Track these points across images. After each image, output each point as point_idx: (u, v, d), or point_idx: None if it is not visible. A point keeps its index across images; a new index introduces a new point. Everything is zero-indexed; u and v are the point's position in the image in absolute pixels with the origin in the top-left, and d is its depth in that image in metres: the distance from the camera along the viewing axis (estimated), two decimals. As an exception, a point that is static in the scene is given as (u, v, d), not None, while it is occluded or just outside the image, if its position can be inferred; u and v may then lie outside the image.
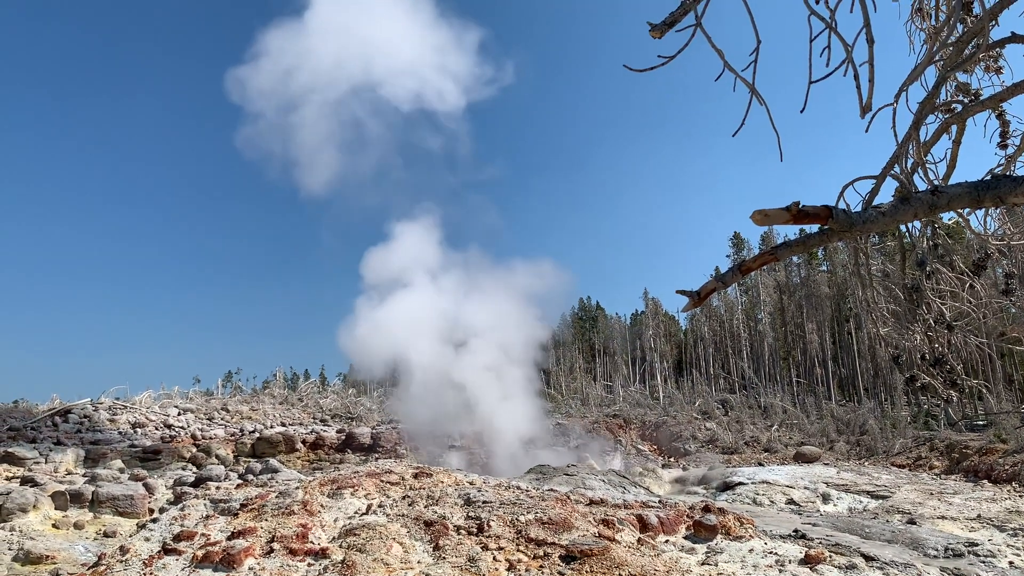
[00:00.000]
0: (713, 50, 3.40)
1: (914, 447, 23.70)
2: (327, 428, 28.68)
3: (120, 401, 30.89)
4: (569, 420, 32.70)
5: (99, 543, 11.10)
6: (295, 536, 7.80)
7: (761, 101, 3.41)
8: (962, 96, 4.28)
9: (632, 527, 8.38)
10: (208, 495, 10.19)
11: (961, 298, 5.02)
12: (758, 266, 3.18)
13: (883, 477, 18.06)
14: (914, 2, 4.51)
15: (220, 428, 27.87)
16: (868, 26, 3.35)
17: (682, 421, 32.56)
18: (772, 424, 32.20)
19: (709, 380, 45.97)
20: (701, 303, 3.13)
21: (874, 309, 4.94)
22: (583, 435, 29.51)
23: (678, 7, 3.25)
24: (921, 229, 4.79)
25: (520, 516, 8.16)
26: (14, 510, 11.48)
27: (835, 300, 45.09)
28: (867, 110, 3.37)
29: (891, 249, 6.77)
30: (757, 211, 2.82)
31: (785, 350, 46.92)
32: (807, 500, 15.39)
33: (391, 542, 7.60)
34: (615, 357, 53.24)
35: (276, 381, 46.90)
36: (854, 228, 2.96)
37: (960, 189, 3.06)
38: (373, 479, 9.93)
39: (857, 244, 4.63)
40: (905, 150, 3.96)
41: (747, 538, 8.48)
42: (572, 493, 10.16)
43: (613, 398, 42.71)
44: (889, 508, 13.99)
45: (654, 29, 3.23)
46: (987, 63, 4.20)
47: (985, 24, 3.76)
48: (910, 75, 3.96)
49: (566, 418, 33.65)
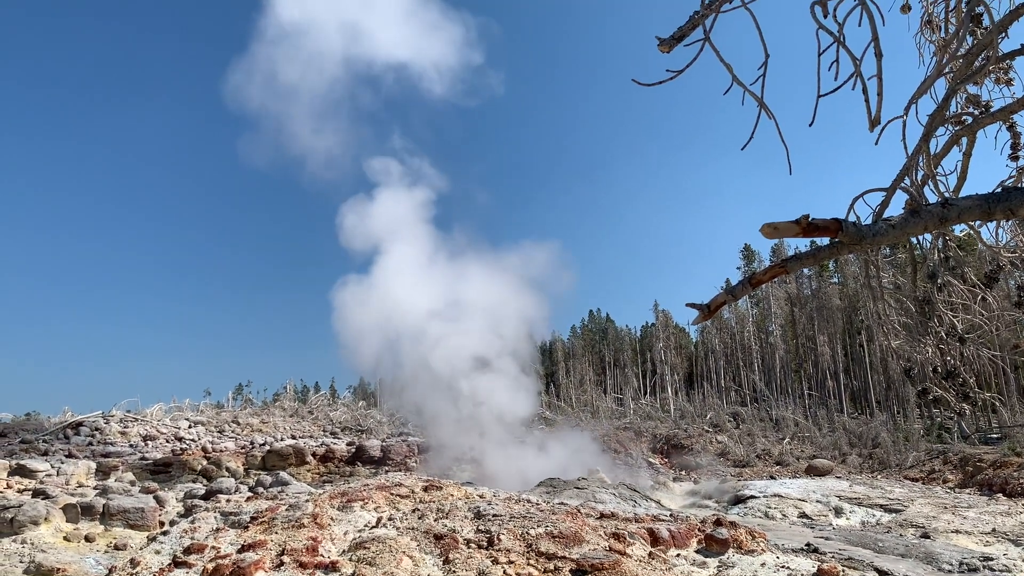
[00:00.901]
0: (721, 64, 3.41)
1: (927, 460, 23.50)
2: (337, 441, 28.67)
3: (131, 414, 31.02)
4: (579, 432, 32.57)
5: (110, 556, 11.11)
6: (305, 549, 7.80)
7: (770, 115, 3.42)
8: (972, 108, 4.28)
9: (643, 541, 8.34)
10: (218, 508, 10.21)
11: (973, 310, 5.00)
12: (768, 279, 3.17)
13: (896, 490, 17.91)
14: (923, 15, 4.52)
15: (231, 441, 27.91)
16: (876, 40, 3.36)
17: (693, 434, 32.39)
18: (784, 437, 32.01)
19: (720, 393, 45.77)
20: (711, 316, 3.13)
21: (886, 321, 4.92)
22: (593, 448, 29.39)
23: (687, 22, 3.27)
24: (932, 241, 4.78)
25: (530, 530, 8.13)
26: (26, 522, 11.52)
27: (846, 312, 44.87)
28: (876, 123, 3.37)
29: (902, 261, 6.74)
30: (767, 224, 2.82)
31: (796, 362, 46.69)
32: (819, 514, 15.27)
33: (401, 555, 7.58)
34: (625, 369, 53.12)
35: (286, 394, 46.94)
36: (864, 241, 2.95)
37: (971, 201, 3.05)
38: (383, 492, 9.92)
39: (868, 257, 4.62)
40: (915, 162, 3.96)
41: (759, 552, 8.42)
42: (583, 507, 10.12)
43: (623, 411, 42.56)
44: (902, 522, 13.86)
45: (663, 44, 3.25)
46: (997, 75, 4.20)
47: (994, 36, 3.76)
48: (920, 87, 3.96)
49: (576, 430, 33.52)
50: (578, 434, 30.13)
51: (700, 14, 3.26)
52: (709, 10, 3.27)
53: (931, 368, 4.96)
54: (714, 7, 3.27)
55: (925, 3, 4.54)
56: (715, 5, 3.27)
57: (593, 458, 24.99)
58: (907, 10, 4.34)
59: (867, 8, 3.39)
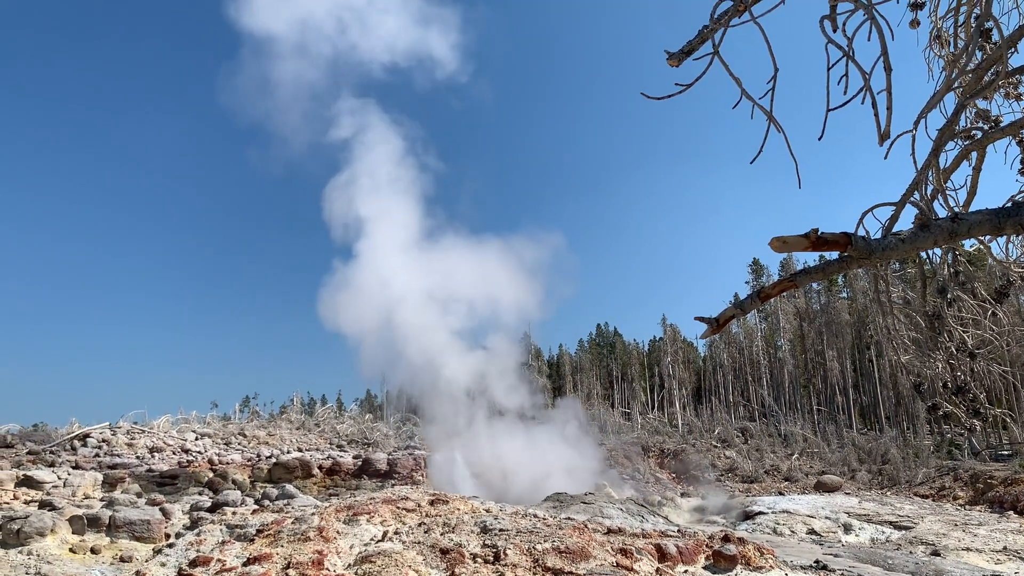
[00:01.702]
0: (730, 77, 3.41)
1: (937, 477, 23.32)
2: (343, 454, 28.63)
3: (138, 425, 31.09)
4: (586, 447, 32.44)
5: (115, 568, 11.11)
6: (311, 563, 7.77)
7: (779, 129, 3.41)
8: (982, 123, 4.27)
9: (650, 557, 8.28)
10: (224, 520, 10.19)
11: (983, 326, 4.97)
12: (777, 293, 3.16)
13: (906, 507, 17.77)
14: (932, 30, 4.52)
15: (237, 453, 27.92)
16: (886, 54, 3.35)
17: (701, 449, 32.27)
18: (792, 453, 31.84)
19: (728, 408, 45.57)
20: (720, 330, 3.12)
21: (895, 337, 4.89)
22: (600, 463, 29.27)
23: (696, 36, 3.27)
24: (942, 256, 4.76)
25: (537, 544, 8.08)
26: (32, 534, 11.52)
27: (856, 327, 44.68)
28: (885, 137, 3.36)
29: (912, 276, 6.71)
30: (775, 238, 2.81)
31: (805, 378, 46.48)
32: (828, 530, 15.15)
33: (407, 569, 7.55)
34: (633, 384, 52.96)
35: (293, 406, 46.97)
36: (874, 255, 2.94)
37: (981, 216, 3.04)
38: (389, 506, 9.89)
39: (877, 271, 4.60)
40: (925, 177, 3.95)
41: (767, 568, 8.35)
42: (590, 522, 10.07)
43: (631, 425, 42.41)
44: (912, 539, 13.74)
45: (672, 58, 3.25)
46: (1007, 90, 4.19)
47: (1004, 51, 3.76)
48: (929, 102, 3.95)
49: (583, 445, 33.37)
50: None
51: (709, 28, 3.27)
52: (718, 24, 3.27)
53: (941, 384, 4.92)
54: (723, 21, 3.27)
55: (934, 18, 4.54)
56: (724, 19, 3.27)
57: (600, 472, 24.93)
58: (916, 25, 4.34)
59: (876, 22, 3.38)
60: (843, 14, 3.55)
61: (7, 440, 26.83)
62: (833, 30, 3.49)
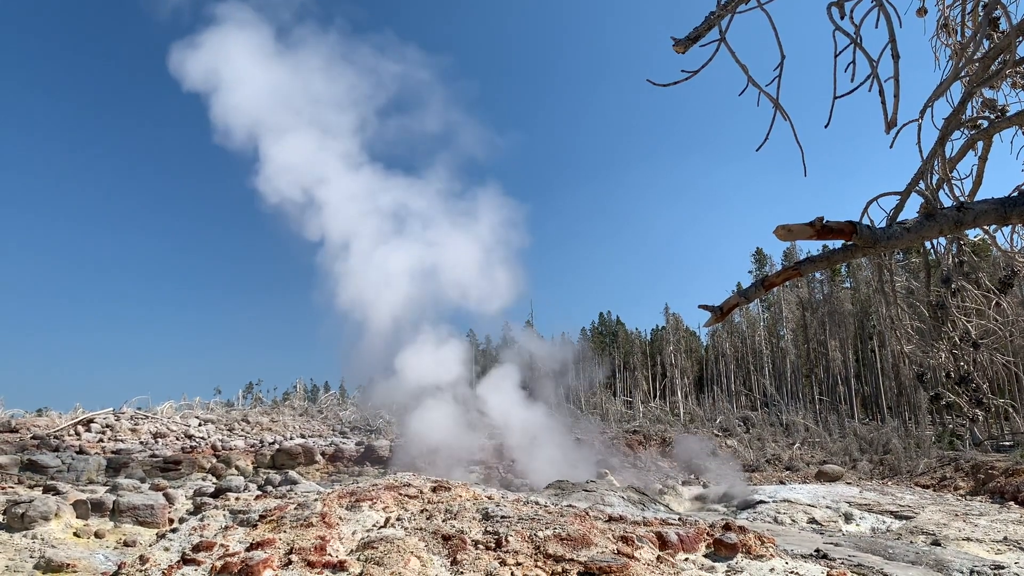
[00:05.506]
0: (737, 64, 3.40)
1: (938, 467, 23.35)
2: (346, 440, 28.73)
3: (142, 411, 31.22)
4: (588, 435, 32.53)
5: (119, 552, 11.17)
6: (313, 548, 7.81)
7: (785, 116, 3.40)
8: (988, 112, 4.25)
9: (651, 544, 8.30)
10: (227, 506, 10.23)
11: (987, 316, 4.96)
12: (781, 282, 3.15)
13: (907, 497, 17.80)
14: (940, 18, 4.49)
15: (240, 439, 28.02)
16: (893, 41, 3.33)
17: (703, 438, 32.31)
18: (794, 442, 31.89)
19: (730, 397, 45.62)
20: (723, 319, 3.11)
21: (898, 326, 4.89)
22: (602, 451, 29.35)
23: (703, 22, 3.26)
24: (946, 246, 4.75)
25: (538, 532, 8.11)
26: (36, 518, 11.58)
27: (858, 317, 44.64)
28: (892, 125, 3.35)
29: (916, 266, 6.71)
30: (780, 226, 2.80)
31: (807, 367, 46.47)
32: (829, 519, 15.19)
33: (409, 556, 7.58)
34: (635, 372, 52.99)
35: (296, 393, 47.10)
36: (878, 244, 2.93)
37: (986, 206, 3.02)
38: (391, 492, 9.92)
39: (881, 260, 4.59)
40: (930, 166, 3.94)
41: (768, 557, 8.37)
42: (591, 509, 10.10)
43: (633, 414, 42.47)
44: (913, 529, 13.77)
45: (678, 44, 3.23)
46: (1014, 79, 4.16)
47: (1012, 40, 3.73)
48: (936, 91, 3.93)
49: (585, 433, 33.48)
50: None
51: (716, 14, 3.25)
52: (725, 11, 3.25)
53: (944, 373, 4.92)
54: (730, 7, 3.25)
55: (942, 6, 4.51)
56: (731, 5, 3.25)
57: (601, 460, 24.99)
58: (923, 13, 4.31)
59: (884, 10, 3.36)
60: (851, 1, 3.53)
61: (11, 425, 26.95)
62: (841, 17, 3.47)
